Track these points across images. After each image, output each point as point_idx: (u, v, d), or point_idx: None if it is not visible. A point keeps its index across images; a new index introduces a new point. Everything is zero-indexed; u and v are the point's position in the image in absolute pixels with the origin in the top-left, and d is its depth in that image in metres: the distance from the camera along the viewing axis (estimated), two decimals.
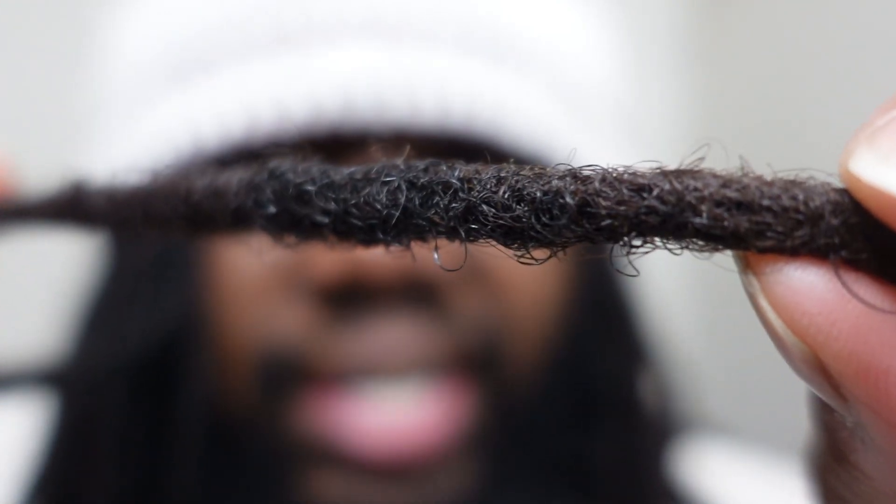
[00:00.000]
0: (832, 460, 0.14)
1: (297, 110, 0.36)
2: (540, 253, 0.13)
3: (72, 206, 0.16)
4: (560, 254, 0.13)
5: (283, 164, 0.14)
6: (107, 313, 0.40)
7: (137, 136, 0.39)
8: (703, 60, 0.93)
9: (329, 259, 0.36)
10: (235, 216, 0.15)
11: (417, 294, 0.37)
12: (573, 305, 0.41)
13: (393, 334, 0.37)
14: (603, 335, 0.43)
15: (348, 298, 0.36)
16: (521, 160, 0.37)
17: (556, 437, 0.42)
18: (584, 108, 0.41)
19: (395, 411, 0.37)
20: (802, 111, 0.78)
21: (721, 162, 0.13)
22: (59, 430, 0.40)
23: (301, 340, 0.37)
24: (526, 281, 0.39)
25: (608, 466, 0.42)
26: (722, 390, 0.77)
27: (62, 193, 0.17)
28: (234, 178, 0.15)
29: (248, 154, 0.36)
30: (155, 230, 0.16)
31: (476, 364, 0.38)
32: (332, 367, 0.37)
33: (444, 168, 0.13)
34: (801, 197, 0.12)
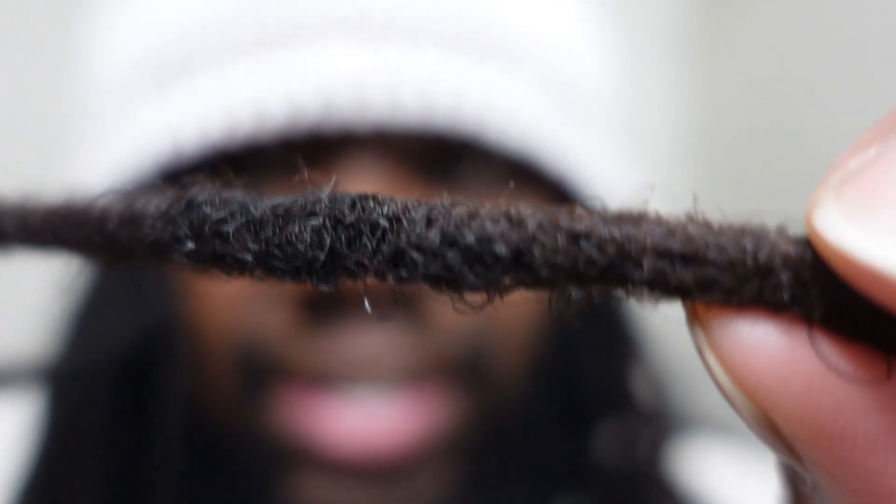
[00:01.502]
0: None
1: (275, 111, 0.35)
2: (476, 298, 0.12)
3: None
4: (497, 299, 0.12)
5: (202, 195, 0.13)
6: (87, 315, 0.40)
7: (120, 142, 0.38)
8: (703, 60, 0.92)
9: None
10: (153, 249, 0.13)
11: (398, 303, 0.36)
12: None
13: (370, 341, 0.36)
14: (592, 333, 0.42)
15: (327, 305, 0.36)
16: (507, 158, 0.36)
17: (548, 438, 0.42)
18: (578, 106, 0.40)
19: (370, 413, 0.36)
20: (802, 111, 0.77)
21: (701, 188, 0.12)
22: (42, 431, 0.40)
23: (278, 342, 0.36)
24: None
25: (603, 465, 0.41)
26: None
27: None
28: (151, 206, 0.14)
29: (227, 158, 0.36)
30: (74, 257, 0.15)
31: (460, 370, 0.38)
32: (308, 368, 0.36)
33: (372, 204, 0.12)
34: (749, 248, 0.11)
